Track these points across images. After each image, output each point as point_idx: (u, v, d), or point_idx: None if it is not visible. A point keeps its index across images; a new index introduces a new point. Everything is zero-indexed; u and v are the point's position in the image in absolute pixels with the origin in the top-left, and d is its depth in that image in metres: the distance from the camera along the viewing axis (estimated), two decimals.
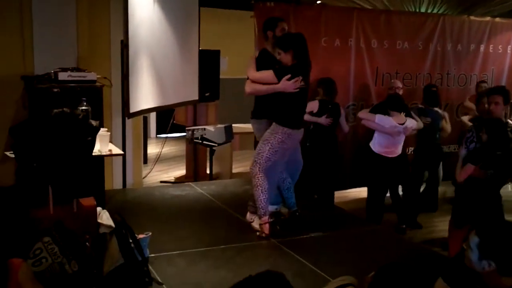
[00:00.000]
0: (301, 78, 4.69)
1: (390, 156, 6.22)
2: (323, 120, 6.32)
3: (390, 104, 6.26)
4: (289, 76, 4.65)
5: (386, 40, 7.49)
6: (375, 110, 6.43)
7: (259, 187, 4.80)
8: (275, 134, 4.77)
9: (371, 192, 6.49)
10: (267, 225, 4.83)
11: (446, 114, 7.09)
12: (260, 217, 4.86)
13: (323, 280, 3.81)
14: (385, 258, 4.17)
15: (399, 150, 6.27)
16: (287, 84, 4.66)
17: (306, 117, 5.77)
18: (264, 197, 4.80)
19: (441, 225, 6.46)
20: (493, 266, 2.53)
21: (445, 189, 7.67)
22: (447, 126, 6.97)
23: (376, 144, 6.25)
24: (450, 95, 7.99)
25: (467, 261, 2.61)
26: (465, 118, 6.88)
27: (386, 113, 6.22)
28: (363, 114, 6.44)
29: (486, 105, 5.34)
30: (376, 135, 6.28)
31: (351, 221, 5.62)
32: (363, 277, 2.65)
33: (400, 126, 6.13)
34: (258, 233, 4.86)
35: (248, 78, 4.90)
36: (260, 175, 4.79)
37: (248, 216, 5.11)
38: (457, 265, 2.73)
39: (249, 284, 1.57)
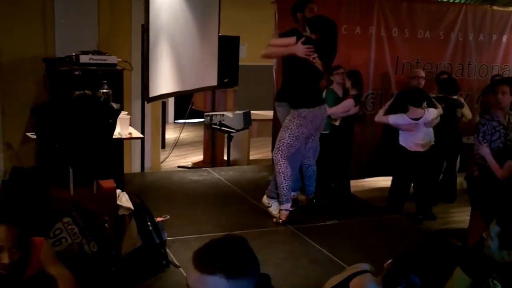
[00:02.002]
0: (316, 55, 4.67)
1: (418, 150, 6.14)
2: (353, 110, 6.40)
3: (410, 98, 6.16)
4: (303, 39, 4.64)
5: (407, 29, 7.43)
6: (394, 105, 6.36)
7: (281, 174, 4.80)
8: (293, 119, 4.78)
9: (395, 183, 6.46)
10: (287, 212, 4.85)
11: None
12: (281, 203, 4.87)
13: (339, 267, 3.82)
14: (401, 246, 4.16)
15: (427, 143, 6.18)
16: (300, 47, 4.63)
17: (339, 113, 6.22)
18: (286, 184, 4.81)
19: (458, 216, 6.44)
20: None
21: (463, 180, 7.61)
22: (467, 111, 6.93)
23: (402, 141, 6.20)
24: (471, 86, 7.92)
25: (487, 250, 2.60)
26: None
27: (405, 106, 6.18)
28: (378, 118, 6.37)
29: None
30: (400, 132, 6.21)
31: (367, 210, 5.62)
32: (380, 264, 2.66)
33: (417, 121, 6.06)
34: (274, 219, 4.88)
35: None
36: (283, 162, 4.78)
37: (265, 199, 5.11)
38: (475, 254, 2.72)
39: (211, 247, 1.66)
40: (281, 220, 4.83)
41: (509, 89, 5.12)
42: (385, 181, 7.60)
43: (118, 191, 4.04)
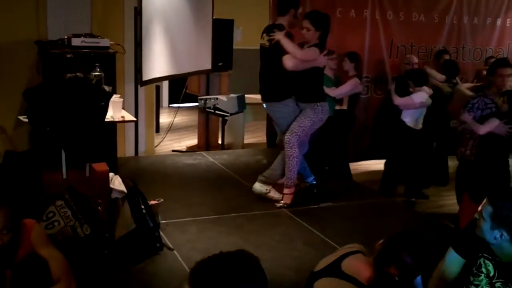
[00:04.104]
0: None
1: (417, 128, 6.27)
2: (358, 88, 6.50)
3: (416, 79, 6.21)
4: (326, 51, 4.85)
5: (402, 12, 7.41)
6: (399, 85, 6.39)
7: (294, 158, 4.82)
8: (316, 113, 4.85)
9: (391, 165, 6.50)
10: (292, 195, 4.89)
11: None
12: (287, 187, 4.89)
13: (332, 249, 3.81)
14: (394, 228, 4.16)
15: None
16: (323, 59, 4.88)
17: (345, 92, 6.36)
18: (297, 168, 4.87)
19: (451, 199, 6.43)
20: (505, 236, 2.52)
21: (456, 163, 7.63)
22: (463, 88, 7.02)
23: (409, 121, 6.24)
24: (465, 69, 7.90)
25: (479, 230, 2.60)
26: (464, 86, 6.85)
27: (406, 87, 6.26)
28: (400, 100, 6.25)
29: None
30: (407, 112, 6.24)
31: (361, 192, 5.64)
32: (373, 246, 2.66)
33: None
34: (279, 204, 4.87)
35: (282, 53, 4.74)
36: (296, 146, 4.81)
37: (259, 187, 5.04)
38: (467, 235, 2.73)
39: (210, 266, 1.46)
40: (286, 204, 4.85)
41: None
42: (377, 165, 7.61)
43: (111, 174, 4.02)
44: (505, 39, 8.21)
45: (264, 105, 5.14)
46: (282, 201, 4.88)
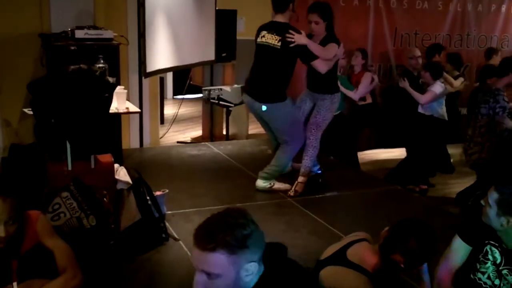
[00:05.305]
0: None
1: (445, 118, 6.33)
2: (375, 83, 6.63)
3: (434, 72, 6.20)
4: (341, 45, 4.83)
5: (405, 0, 7.36)
6: (414, 82, 6.42)
7: (316, 149, 4.96)
8: (333, 104, 4.94)
9: (418, 154, 6.51)
10: (304, 184, 4.94)
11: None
12: (303, 175, 4.95)
13: (338, 238, 3.81)
14: (400, 217, 4.16)
15: None
16: (342, 51, 4.88)
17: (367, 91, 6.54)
18: (315, 158, 5.01)
19: (458, 187, 6.43)
20: None
21: (458, 152, 7.61)
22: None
23: (438, 112, 6.27)
24: (470, 57, 7.87)
25: (485, 217, 2.60)
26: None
27: (415, 81, 6.38)
28: (426, 98, 6.17)
29: None
30: (434, 104, 6.24)
31: (366, 181, 5.63)
32: (377, 233, 2.67)
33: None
34: (290, 192, 4.89)
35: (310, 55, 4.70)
36: (319, 139, 4.94)
37: (262, 183, 4.99)
38: (474, 222, 2.72)
39: (209, 223, 1.72)
40: (298, 192, 4.89)
41: None
42: (383, 154, 7.62)
43: (116, 165, 4.03)
44: (510, 26, 8.17)
45: (264, 108, 4.78)
46: (294, 189, 4.89)
